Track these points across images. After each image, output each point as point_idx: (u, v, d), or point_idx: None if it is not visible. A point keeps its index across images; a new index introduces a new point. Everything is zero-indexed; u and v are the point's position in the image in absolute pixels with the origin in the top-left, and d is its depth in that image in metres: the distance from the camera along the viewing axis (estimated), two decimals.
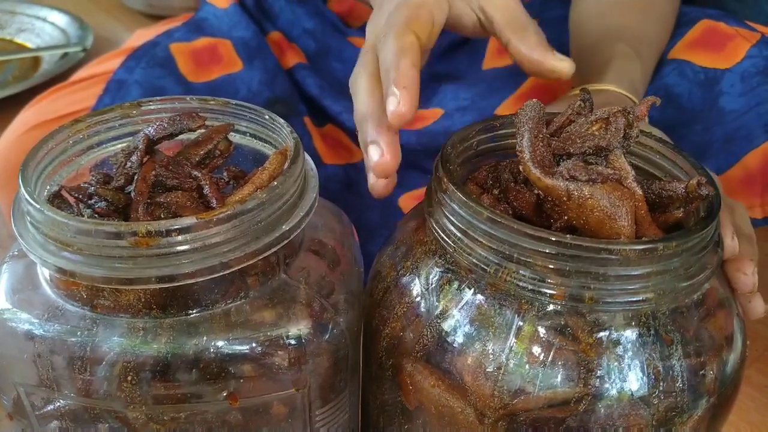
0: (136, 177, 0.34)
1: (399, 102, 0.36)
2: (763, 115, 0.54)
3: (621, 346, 0.31)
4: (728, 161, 0.55)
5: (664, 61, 0.60)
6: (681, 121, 0.58)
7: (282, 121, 0.38)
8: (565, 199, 0.32)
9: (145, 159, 0.35)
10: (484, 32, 0.45)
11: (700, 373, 0.33)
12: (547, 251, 0.30)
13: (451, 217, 0.33)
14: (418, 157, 0.63)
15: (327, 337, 0.35)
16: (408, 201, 0.65)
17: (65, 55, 1.08)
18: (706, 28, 0.60)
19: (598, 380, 0.31)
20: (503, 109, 0.65)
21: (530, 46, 0.42)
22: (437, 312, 0.34)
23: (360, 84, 0.41)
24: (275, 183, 0.33)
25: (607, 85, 0.50)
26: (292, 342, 0.34)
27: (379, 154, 0.38)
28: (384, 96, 0.38)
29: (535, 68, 0.42)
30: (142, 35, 0.71)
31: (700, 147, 0.56)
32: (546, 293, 0.31)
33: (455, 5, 0.43)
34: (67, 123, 0.37)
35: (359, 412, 0.43)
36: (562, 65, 0.41)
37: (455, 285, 0.34)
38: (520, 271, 0.31)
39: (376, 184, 0.40)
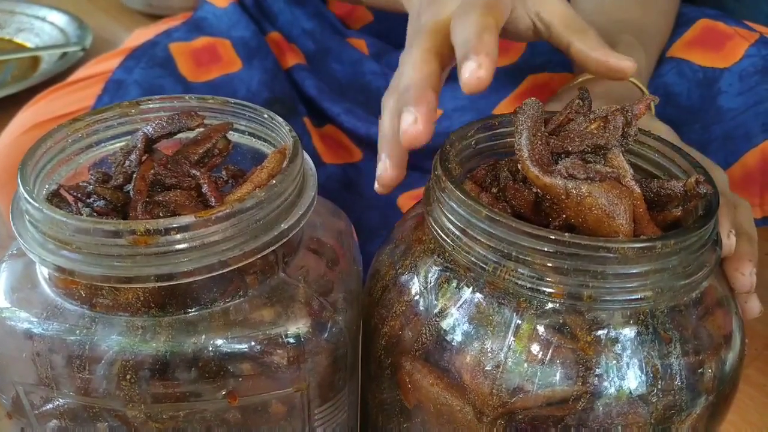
0: (134, 176, 0.34)
1: (479, 65, 0.35)
2: (762, 114, 0.54)
3: (619, 345, 0.31)
4: (727, 160, 0.55)
5: (663, 59, 0.60)
6: (680, 120, 0.58)
7: (281, 120, 0.38)
8: (563, 197, 0.32)
9: (143, 158, 0.36)
10: (535, 38, 0.45)
11: (699, 371, 0.33)
12: (546, 249, 0.30)
13: (450, 216, 0.33)
14: (417, 157, 0.63)
15: (326, 335, 0.35)
16: (407, 200, 0.65)
17: (64, 54, 1.08)
18: (704, 27, 0.60)
19: (596, 378, 0.31)
20: (501, 109, 0.65)
21: (592, 47, 0.42)
22: (436, 310, 0.34)
23: (409, 61, 0.39)
24: (274, 182, 0.33)
25: None
26: (291, 341, 0.34)
27: (411, 121, 0.36)
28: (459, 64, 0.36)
29: (601, 67, 0.42)
30: (141, 35, 0.71)
31: (698, 146, 0.56)
32: (544, 291, 0.31)
33: (516, 9, 0.43)
34: (65, 122, 0.37)
35: (358, 411, 0.43)
36: (625, 64, 0.41)
37: (454, 283, 0.34)
38: (519, 270, 0.31)
39: (386, 172, 0.40)
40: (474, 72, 0.35)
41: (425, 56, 0.39)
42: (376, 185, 0.41)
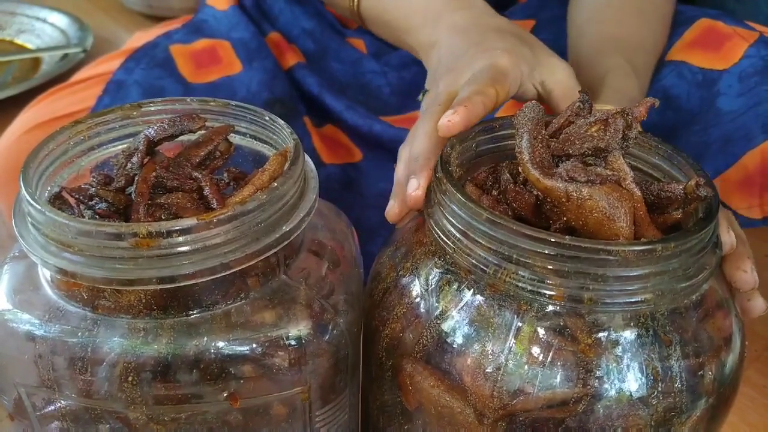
0: (136, 178, 0.35)
1: (454, 112, 0.38)
2: (761, 115, 0.54)
3: (620, 347, 0.32)
4: (726, 162, 0.55)
5: (662, 62, 0.60)
6: (679, 123, 0.58)
7: (282, 122, 0.38)
8: (564, 200, 0.32)
9: (145, 160, 0.36)
10: (540, 101, 0.48)
11: (699, 373, 0.33)
12: (546, 252, 0.30)
13: (451, 218, 0.33)
14: None
15: (327, 337, 0.35)
16: None
17: (65, 56, 1.08)
18: (704, 27, 0.60)
19: (597, 381, 0.31)
20: (503, 112, 0.65)
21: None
22: (437, 313, 0.34)
23: (422, 128, 0.42)
24: (275, 184, 0.33)
25: (602, 105, 0.50)
26: (292, 343, 0.34)
27: (415, 187, 0.39)
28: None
29: None
30: (142, 37, 0.71)
31: (698, 148, 0.56)
32: (545, 294, 0.31)
33: (524, 83, 0.47)
34: (67, 124, 0.37)
35: (359, 413, 0.43)
36: None
37: (455, 286, 0.34)
38: (520, 272, 0.31)
39: (393, 210, 0.41)
40: (446, 117, 0.38)
41: (434, 129, 0.41)
42: (391, 204, 0.42)
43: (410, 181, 0.39)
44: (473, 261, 0.32)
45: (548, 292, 0.31)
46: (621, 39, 0.57)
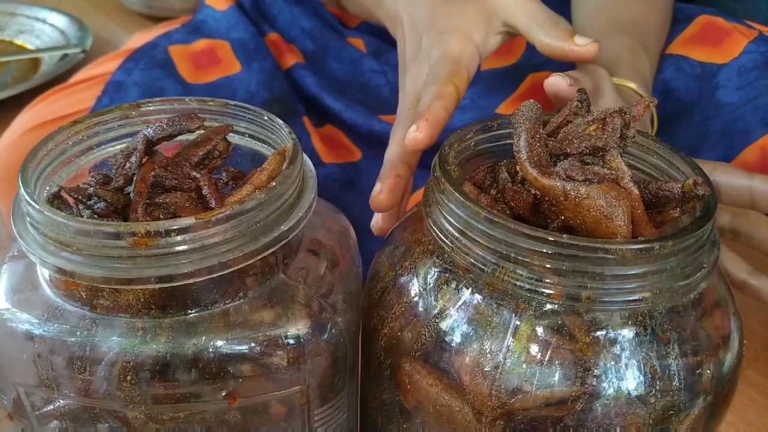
0: (135, 178, 0.35)
1: (417, 129, 0.39)
2: (760, 108, 0.55)
3: (618, 345, 0.32)
4: (726, 155, 0.55)
5: (662, 56, 0.60)
6: (678, 115, 0.58)
7: (281, 121, 0.38)
8: (562, 199, 0.32)
9: (144, 160, 0.36)
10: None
11: (697, 372, 0.33)
12: (544, 251, 0.30)
13: (449, 217, 0.33)
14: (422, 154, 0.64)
15: (325, 336, 0.36)
16: (415, 200, 0.66)
17: (65, 56, 1.08)
18: (705, 23, 0.60)
19: (595, 379, 0.31)
20: (503, 109, 0.65)
21: (557, 37, 0.45)
22: (435, 312, 0.34)
23: (396, 134, 0.43)
24: (274, 183, 0.33)
25: (621, 80, 0.50)
26: (291, 342, 0.34)
27: (378, 191, 0.40)
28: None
29: (559, 55, 0.45)
30: (141, 38, 0.71)
31: (697, 139, 0.56)
32: (543, 292, 0.31)
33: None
34: (66, 124, 0.37)
35: (358, 412, 0.43)
36: (588, 49, 0.44)
37: (453, 285, 0.34)
38: (518, 271, 0.31)
39: (375, 220, 0.43)
40: (410, 133, 0.39)
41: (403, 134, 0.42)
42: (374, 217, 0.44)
43: (376, 184, 0.40)
44: (471, 260, 0.32)
45: (546, 291, 0.31)
46: (631, 22, 0.57)
